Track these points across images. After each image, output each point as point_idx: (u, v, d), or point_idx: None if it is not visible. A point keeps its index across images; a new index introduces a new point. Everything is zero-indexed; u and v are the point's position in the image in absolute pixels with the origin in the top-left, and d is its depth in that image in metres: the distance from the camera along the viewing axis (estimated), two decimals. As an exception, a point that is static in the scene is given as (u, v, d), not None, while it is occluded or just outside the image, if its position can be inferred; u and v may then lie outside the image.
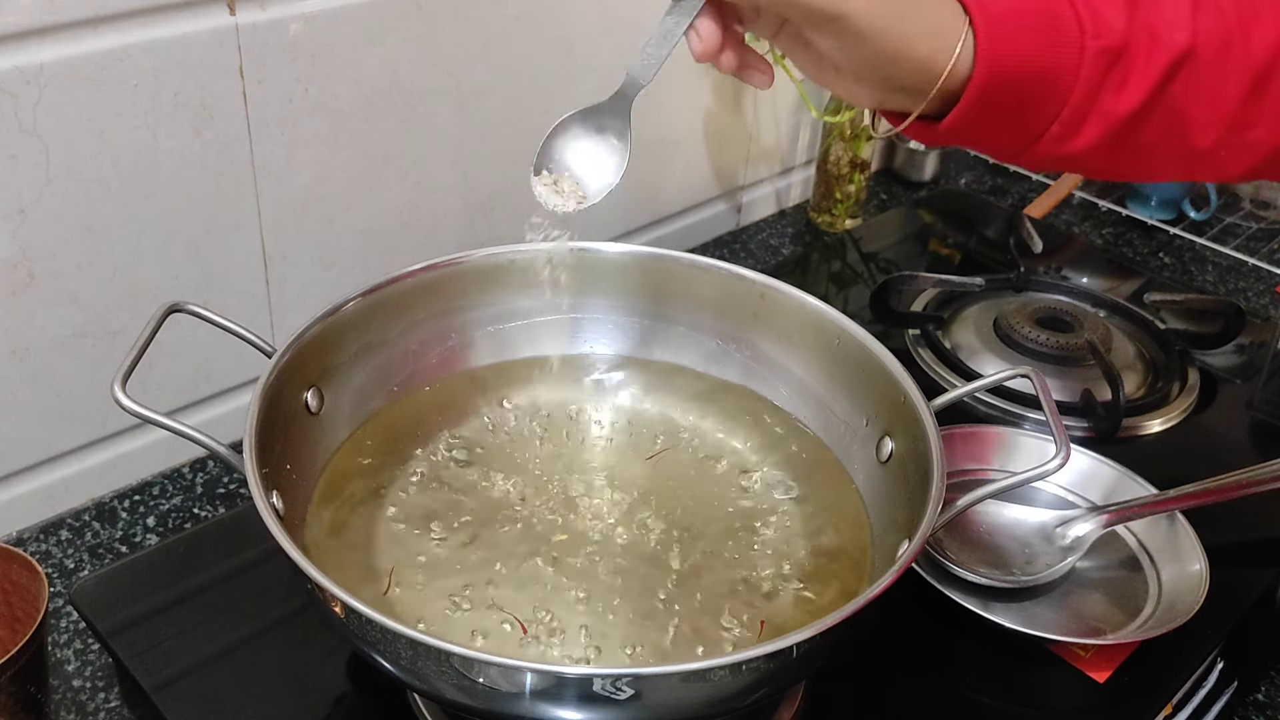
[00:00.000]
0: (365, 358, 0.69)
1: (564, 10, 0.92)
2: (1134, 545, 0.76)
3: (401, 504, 0.66)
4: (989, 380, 0.67)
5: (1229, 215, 1.29)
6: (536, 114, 0.95)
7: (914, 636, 0.70)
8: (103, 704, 0.67)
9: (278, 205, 0.81)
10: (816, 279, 1.11)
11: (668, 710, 0.50)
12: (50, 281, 0.73)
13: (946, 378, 0.93)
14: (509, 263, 0.73)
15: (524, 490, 0.68)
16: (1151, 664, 0.69)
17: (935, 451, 0.59)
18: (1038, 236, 1.13)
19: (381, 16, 0.81)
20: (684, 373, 0.77)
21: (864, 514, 0.67)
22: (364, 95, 0.82)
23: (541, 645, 0.59)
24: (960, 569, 0.71)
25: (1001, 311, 0.99)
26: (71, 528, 0.79)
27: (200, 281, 0.80)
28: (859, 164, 1.20)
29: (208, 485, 0.84)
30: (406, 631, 0.48)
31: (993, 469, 0.81)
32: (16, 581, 0.63)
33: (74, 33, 0.67)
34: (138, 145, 0.72)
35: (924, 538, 0.54)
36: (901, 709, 0.66)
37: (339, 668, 0.65)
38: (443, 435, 0.71)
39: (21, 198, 0.69)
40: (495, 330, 0.75)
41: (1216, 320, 1.01)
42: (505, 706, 0.50)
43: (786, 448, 0.72)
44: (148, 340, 0.60)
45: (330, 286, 0.87)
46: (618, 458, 0.71)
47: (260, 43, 0.75)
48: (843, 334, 0.69)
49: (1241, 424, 0.94)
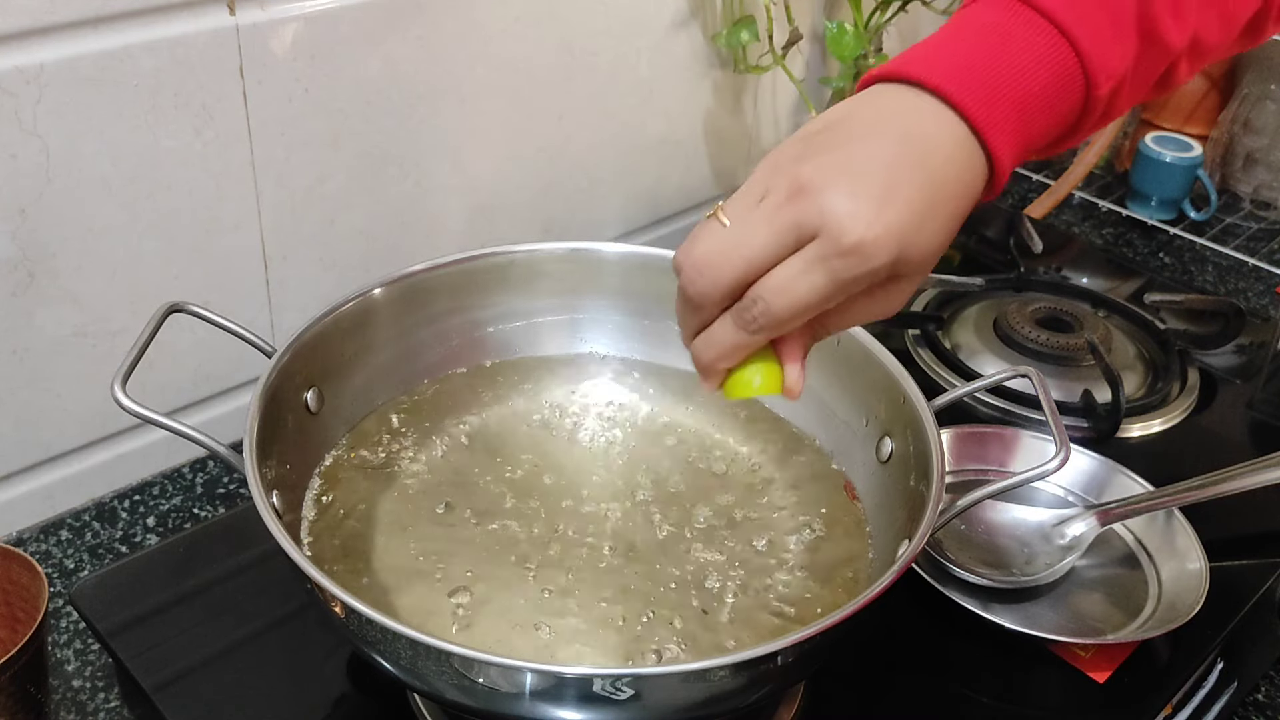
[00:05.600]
0: (365, 358, 0.69)
1: (564, 10, 0.92)
2: (1133, 545, 0.76)
3: (402, 503, 0.66)
4: (989, 380, 0.67)
5: (1229, 215, 1.29)
6: (536, 114, 0.95)
7: (914, 636, 0.70)
8: (103, 704, 0.67)
9: (278, 205, 0.81)
10: (816, 279, 1.11)
11: (668, 710, 0.51)
12: (50, 281, 0.73)
13: (946, 378, 0.93)
14: (509, 263, 0.73)
15: (523, 491, 0.68)
16: (1151, 664, 0.69)
17: (935, 451, 0.59)
18: (1038, 236, 1.13)
19: (381, 16, 0.81)
20: (683, 373, 0.77)
21: (864, 514, 0.67)
22: (364, 95, 0.82)
23: (541, 646, 0.59)
24: (960, 569, 0.71)
25: (1001, 311, 0.99)
26: (71, 528, 0.79)
27: (200, 281, 0.80)
28: (859, 164, 1.20)
29: (208, 485, 0.84)
30: (406, 631, 0.48)
31: (993, 469, 0.81)
32: (16, 581, 0.63)
33: (74, 33, 0.67)
34: (138, 145, 0.72)
35: (924, 538, 0.54)
36: (901, 709, 0.66)
37: (339, 668, 0.65)
38: (443, 435, 0.71)
39: (22, 198, 0.69)
40: (495, 330, 0.75)
41: (1216, 320, 1.01)
42: (505, 706, 0.50)
43: (786, 448, 0.72)
44: (148, 340, 0.60)
45: (330, 286, 0.87)
46: (617, 458, 0.71)
47: (260, 43, 0.75)
48: (842, 334, 0.69)
49: (1241, 424, 0.94)
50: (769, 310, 0.45)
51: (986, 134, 0.47)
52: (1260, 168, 1.31)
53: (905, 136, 0.46)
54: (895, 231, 0.44)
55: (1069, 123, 0.50)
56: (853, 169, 0.44)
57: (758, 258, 0.45)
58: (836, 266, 0.44)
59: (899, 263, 0.45)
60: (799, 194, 0.44)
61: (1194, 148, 1.25)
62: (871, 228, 0.43)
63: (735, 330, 0.47)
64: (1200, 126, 1.31)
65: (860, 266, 0.44)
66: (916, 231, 0.45)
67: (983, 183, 0.48)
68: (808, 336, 0.50)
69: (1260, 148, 1.29)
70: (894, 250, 0.44)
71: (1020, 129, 0.48)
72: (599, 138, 1.01)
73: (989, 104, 0.47)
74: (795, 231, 0.44)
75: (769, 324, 0.46)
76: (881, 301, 0.49)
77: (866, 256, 0.44)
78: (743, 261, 0.45)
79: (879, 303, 0.49)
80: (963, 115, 0.46)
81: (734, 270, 0.45)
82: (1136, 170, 1.27)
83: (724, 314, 0.47)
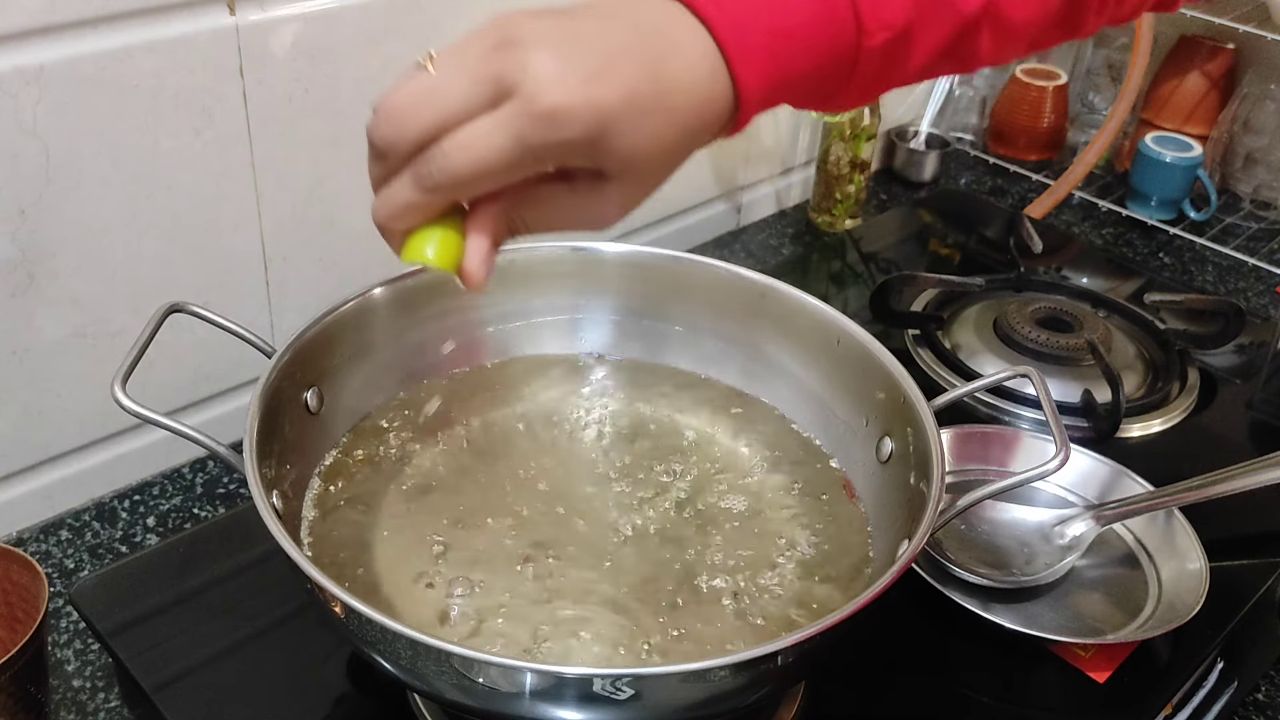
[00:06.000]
0: (365, 358, 0.69)
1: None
2: (1133, 545, 0.76)
3: (401, 503, 0.66)
4: (989, 380, 0.67)
5: (1229, 215, 1.29)
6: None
7: (914, 636, 0.70)
8: (103, 704, 0.67)
9: (278, 205, 0.81)
10: (816, 279, 1.11)
11: (668, 710, 0.51)
12: (50, 282, 0.73)
13: (946, 378, 0.93)
14: (509, 263, 0.73)
15: (523, 491, 0.68)
16: (1151, 664, 0.69)
17: (935, 451, 0.59)
18: (1038, 236, 1.13)
19: (381, 16, 0.81)
20: (684, 373, 0.77)
21: (864, 514, 0.67)
22: (364, 95, 0.82)
23: (541, 646, 0.59)
24: (960, 569, 0.71)
25: (1001, 311, 0.99)
26: (71, 528, 0.79)
27: (200, 281, 0.80)
28: (859, 164, 1.20)
29: (208, 485, 0.84)
30: (406, 631, 0.48)
31: (993, 469, 0.81)
32: (16, 581, 0.63)
33: (74, 33, 0.67)
34: (138, 145, 0.72)
35: (924, 538, 0.54)
36: (901, 709, 0.66)
37: (339, 668, 0.65)
38: (443, 435, 0.71)
39: (22, 198, 0.69)
40: (495, 330, 0.75)
41: (1216, 320, 1.01)
42: (505, 706, 0.50)
43: (786, 448, 0.72)
44: (148, 340, 0.60)
45: (330, 287, 0.87)
46: (616, 458, 0.71)
47: (260, 43, 0.75)
48: (843, 334, 0.69)
49: (1241, 424, 0.94)
50: (446, 166, 0.43)
51: (733, 59, 0.44)
52: (1260, 168, 1.31)
53: (647, 30, 0.43)
54: (597, 107, 0.41)
55: (838, 71, 0.47)
56: (575, 37, 0.42)
57: (451, 109, 0.42)
58: (525, 128, 0.41)
59: (601, 150, 0.42)
60: (507, 46, 0.42)
61: (1194, 148, 1.25)
62: (572, 95, 0.41)
63: (412, 187, 0.44)
64: (1200, 126, 1.32)
65: (551, 134, 0.41)
66: (626, 120, 0.42)
67: (726, 111, 0.45)
68: (501, 224, 0.47)
69: (1260, 148, 1.29)
70: (591, 126, 0.41)
71: (773, 63, 0.45)
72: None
73: (741, 28, 0.44)
74: (494, 84, 0.42)
75: (445, 182, 0.43)
76: (586, 204, 0.46)
77: (558, 124, 0.41)
78: (434, 111, 0.42)
79: (583, 206, 0.46)
80: (712, 33, 0.44)
81: (423, 120, 0.43)
82: (1136, 170, 1.27)
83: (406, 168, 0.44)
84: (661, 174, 0.46)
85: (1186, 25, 1.31)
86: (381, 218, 0.46)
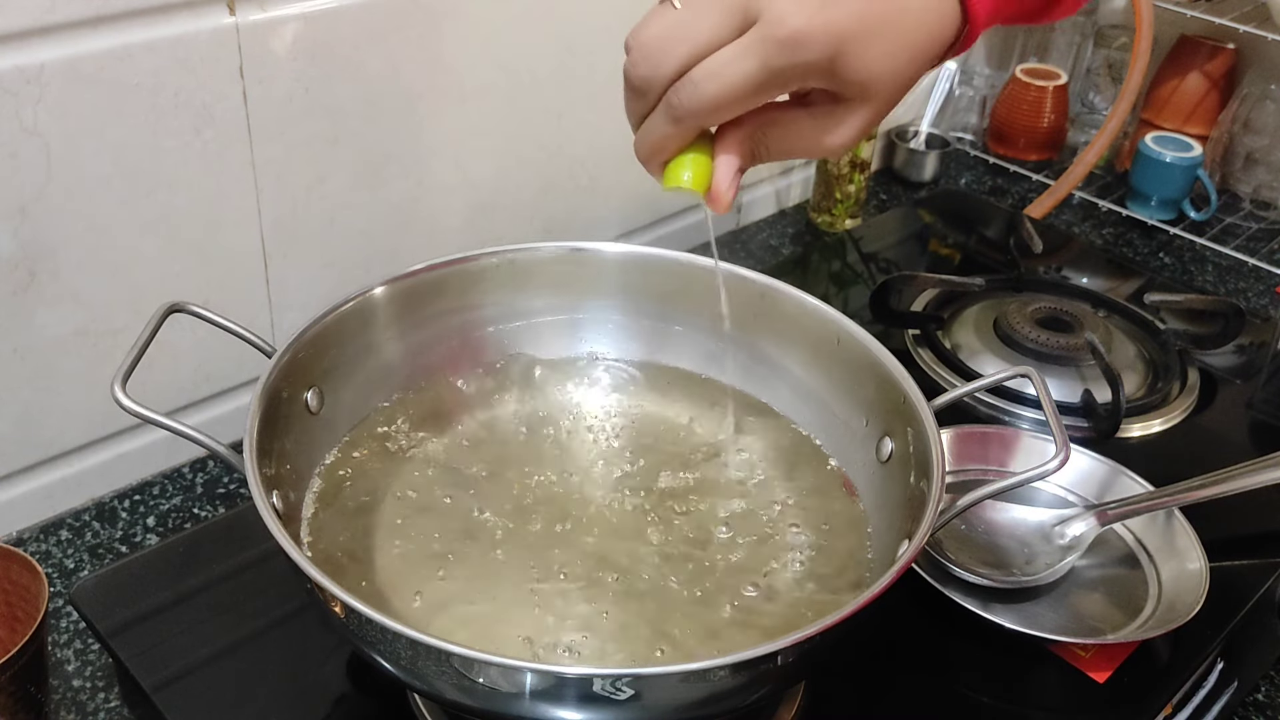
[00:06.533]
0: (365, 358, 0.69)
1: (564, 10, 0.92)
2: (1133, 545, 0.76)
3: (402, 503, 0.66)
4: (989, 380, 0.67)
5: (1229, 215, 1.29)
6: (536, 114, 0.95)
7: (914, 636, 0.70)
8: (103, 704, 0.67)
9: (278, 205, 0.81)
10: (816, 279, 1.11)
11: (668, 710, 0.51)
12: (51, 280, 0.73)
13: (946, 378, 0.93)
14: (509, 263, 0.73)
15: (524, 490, 0.68)
16: (1151, 664, 0.69)
17: (935, 451, 0.59)
18: (1038, 236, 1.13)
19: (381, 16, 0.81)
20: (684, 373, 0.77)
21: (864, 514, 0.67)
22: (364, 95, 0.82)
23: (541, 645, 0.59)
24: (960, 569, 0.71)
25: (1001, 311, 0.99)
26: (71, 528, 0.79)
27: (200, 281, 0.80)
28: (859, 164, 1.20)
29: (208, 485, 0.84)
30: (406, 631, 0.48)
31: (993, 469, 0.81)
32: (16, 581, 0.63)
33: (74, 33, 0.67)
34: (138, 144, 0.72)
35: (924, 538, 0.54)
36: (901, 709, 0.66)
37: (339, 668, 0.65)
38: (443, 435, 0.71)
39: (22, 196, 0.69)
40: (495, 330, 0.75)
41: (1216, 320, 1.01)
42: (505, 706, 0.50)
43: (786, 448, 0.72)
44: (148, 340, 0.60)
45: (330, 286, 0.87)
46: (616, 458, 0.71)
47: (260, 43, 0.75)
48: (843, 334, 0.69)
49: (1241, 424, 0.94)
50: (697, 94, 0.45)
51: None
52: (1260, 168, 1.31)
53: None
54: (835, 30, 0.43)
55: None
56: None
57: (702, 41, 0.44)
58: (770, 52, 0.44)
59: (838, 71, 0.45)
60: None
61: (1194, 148, 1.25)
62: (811, 20, 0.43)
63: (665, 119, 0.46)
64: (1200, 126, 1.32)
65: (793, 56, 0.44)
66: (861, 42, 0.44)
67: (954, 30, 0.47)
68: (746, 148, 0.49)
69: (1260, 148, 1.29)
70: (829, 47, 0.44)
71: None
72: (599, 138, 1.01)
73: None
74: (741, 15, 0.44)
75: (698, 109, 0.45)
76: (823, 127, 0.48)
77: (800, 46, 0.43)
78: (687, 45, 0.45)
79: (821, 129, 0.48)
80: None
81: (678, 54, 0.45)
82: (1136, 170, 1.27)
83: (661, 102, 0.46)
84: (894, 95, 0.48)
85: (1187, 25, 1.31)
86: (645, 152, 0.49)
